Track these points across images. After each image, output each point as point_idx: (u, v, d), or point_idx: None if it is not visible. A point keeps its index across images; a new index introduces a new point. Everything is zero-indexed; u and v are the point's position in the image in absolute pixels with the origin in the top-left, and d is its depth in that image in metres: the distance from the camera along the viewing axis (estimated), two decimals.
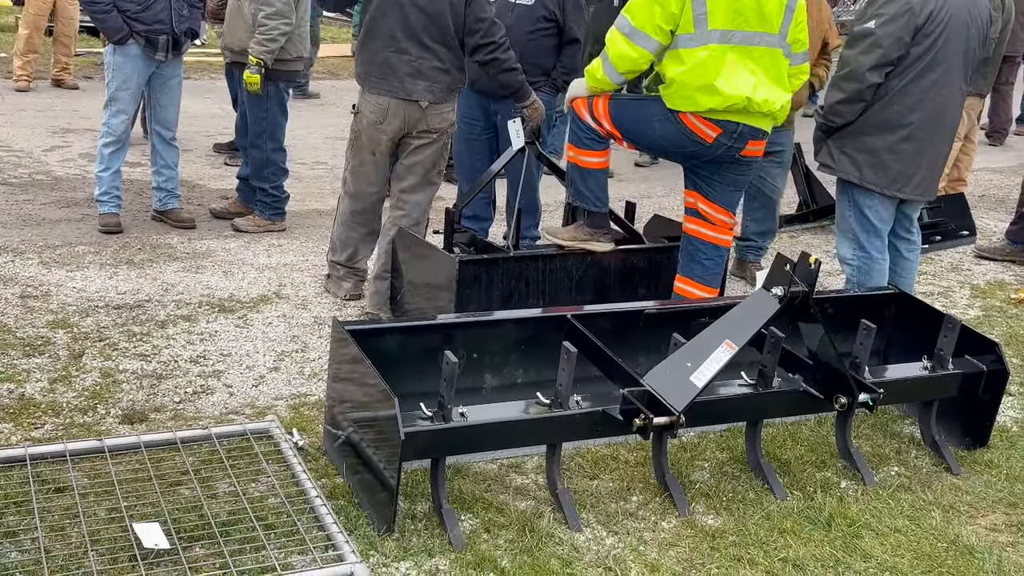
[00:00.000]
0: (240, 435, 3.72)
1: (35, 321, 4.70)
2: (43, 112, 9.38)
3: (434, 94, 4.92)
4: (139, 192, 6.91)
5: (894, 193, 4.68)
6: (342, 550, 3.06)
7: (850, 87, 4.56)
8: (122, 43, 5.83)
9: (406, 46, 4.86)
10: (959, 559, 3.33)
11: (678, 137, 4.47)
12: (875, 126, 4.61)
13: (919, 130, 4.60)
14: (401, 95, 4.89)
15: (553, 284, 4.88)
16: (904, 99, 4.55)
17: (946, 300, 6.03)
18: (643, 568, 3.16)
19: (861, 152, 4.65)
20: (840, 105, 4.62)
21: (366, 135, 5.01)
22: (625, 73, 4.46)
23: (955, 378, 4.00)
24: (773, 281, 3.55)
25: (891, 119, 4.58)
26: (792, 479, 3.76)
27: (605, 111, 4.56)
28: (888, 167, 4.62)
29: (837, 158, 4.73)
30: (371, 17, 4.92)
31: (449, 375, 3.23)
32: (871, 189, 4.67)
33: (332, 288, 5.34)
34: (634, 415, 3.36)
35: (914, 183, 4.68)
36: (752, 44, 4.35)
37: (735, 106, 4.35)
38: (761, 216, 6.05)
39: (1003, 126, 11.38)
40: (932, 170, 4.76)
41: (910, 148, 4.60)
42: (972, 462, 4.00)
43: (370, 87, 4.98)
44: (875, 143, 4.62)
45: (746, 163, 4.63)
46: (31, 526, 3.08)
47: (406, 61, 4.87)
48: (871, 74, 4.50)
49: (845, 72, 4.58)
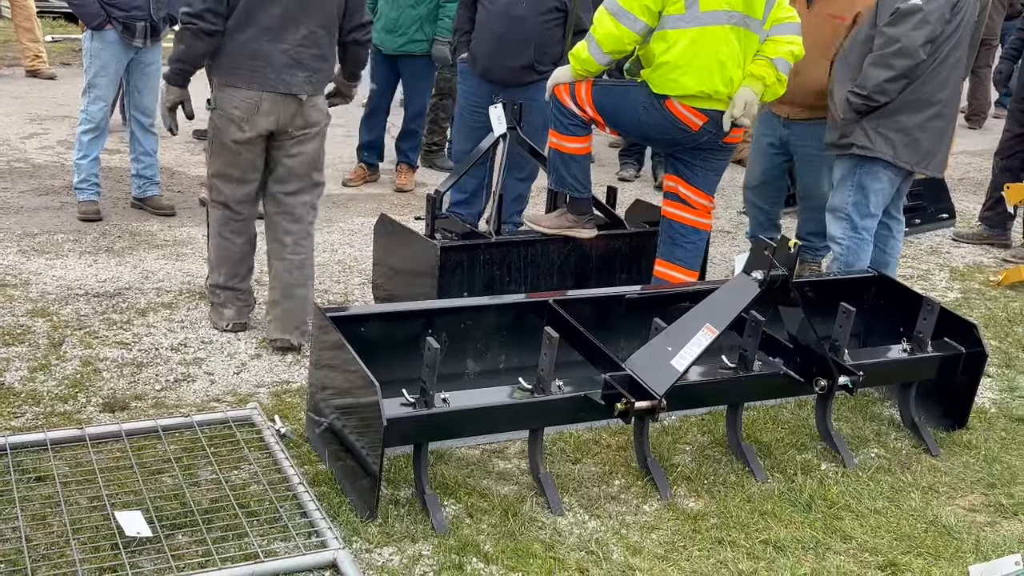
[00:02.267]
0: (222, 423, 3.71)
1: (14, 310, 4.67)
2: (20, 99, 9.29)
3: (313, 86, 4.36)
4: (118, 179, 6.86)
5: (922, 170, 4.77)
6: (325, 536, 3.06)
7: (902, 64, 4.57)
8: (99, 29, 5.79)
9: (283, 34, 4.23)
10: (938, 539, 3.36)
11: (664, 124, 4.47)
12: (910, 105, 4.66)
13: (946, 107, 4.70)
14: (278, 88, 4.26)
15: (535, 270, 4.88)
16: (936, 76, 4.63)
17: (925, 283, 6.07)
18: (625, 551, 3.18)
19: (896, 132, 4.70)
20: (889, 83, 4.61)
21: (230, 135, 4.30)
22: (611, 53, 4.45)
23: (934, 360, 4.02)
24: (753, 265, 3.56)
25: (924, 97, 4.65)
26: (773, 462, 3.79)
27: (588, 97, 4.55)
28: (919, 145, 4.68)
29: (873, 139, 4.73)
30: (243, 5, 4.17)
31: (431, 361, 3.23)
32: (903, 167, 4.71)
33: (214, 318, 4.66)
34: (616, 399, 3.37)
35: (938, 160, 4.79)
36: (740, 26, 4.35)
37: (721, 92, 4.35)
38: (816, 217, 5.74)
39: (982, 109, 11.45)
40: (948, 147, 4.87)
41: (938, 125, 4.70)
42: (951, 443, 4.04)
43: (237, 80, 4.26)
44: (908, 121, 4.68)
45: (728, 148, 4.66)
46: (12, 515, 3.07)
47: (283, 51, 4.23)
48: (923, 50, 4.55)
49: (895, 49, 4.57)
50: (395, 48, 7.08)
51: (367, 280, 5.32)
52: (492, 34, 5.68)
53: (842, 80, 4.81)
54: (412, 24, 7.00)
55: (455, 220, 5.15)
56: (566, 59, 5.70)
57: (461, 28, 6.01)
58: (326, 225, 6.35)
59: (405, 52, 7.10)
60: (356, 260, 5.73)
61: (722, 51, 4.33)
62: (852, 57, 4.79)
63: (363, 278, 5.42)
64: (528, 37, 5.58)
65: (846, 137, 4.81)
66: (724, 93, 4.36)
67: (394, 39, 7.05)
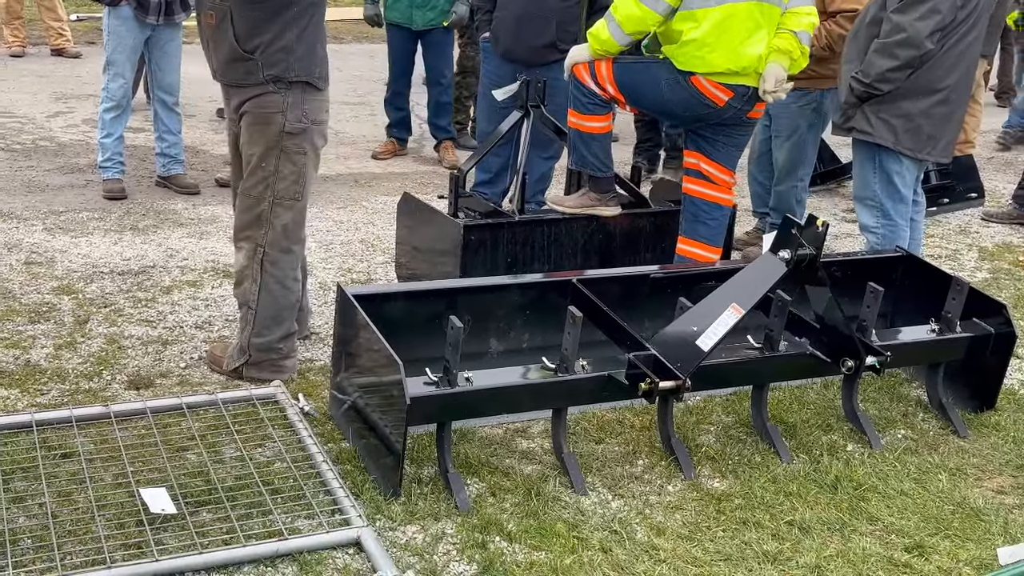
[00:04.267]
0: (246, 400, 3.72)
1: (40, 287, 4.70)
2: (45, 78, 9.33)
3: None
4: (143, 158, 6.88)
5: (924, 157, 4.66)
6: (348, 514, 3.06)
7: (906, 54, 4.44)
8: (114, 5, 5.83)
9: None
10: (965, 521, 3.33)
11: (689, 101, 4.43)
12: (913, 91, 4.54)
13: (952, 93, 4.57)
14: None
15: (558, 249, 4.86)
16: (943, 63, 4.50)
17: (954, 263, 6.00)
18: (649, 531, 3.17)
19: (897, 117, 4.58)
20: (892, 72, 4.49)
21: (318, 147, 3.86)
22: (632, 34, 4.40)
23: (963, 341, 3.97)
24: (780, 244, 3.52)
25: (928, 83, 4.53)
26: (798, 442, 3.76)
27: (609, 75, 4.51)
28: (921, 131, 4.58)
29: (874, 124, 4.63)
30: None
31: (454, 340, 3.22)
32: (905, 154, 4.63)
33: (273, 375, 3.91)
34: (640, 379, 3.35)
35: (941, 146, 4.66)
36: (763, 1, 4.30)
37: (748, 68, 4.31)
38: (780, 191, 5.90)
39: (1011, 87, 11.28)
40: (956, 132, 4.75)
41: (942, 112, 4.57)
42: (979, 425, 3.99)
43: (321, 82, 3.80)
44: (911, 108, 4.56)
45: (750, 124, 4.63)
46: (38, 492, 3.09)
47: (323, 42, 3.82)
48: (929, 40, 4.42)
49: (900, 38, 4.44)
50: (426, 23, 7.06)
51: (390, 259, 5.32)
52: (513, 13, 5.64)
53: (849, 61, 4.71)
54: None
55: (478, 199, 5.14)
56: (585, 38, 5.69)
57: (482, 7, 5.98)
58: (349, 204, 6.36)
59: (434, 26, 7.08)
60: (379, 239, 5.73)
61: (749, 27, 4.28)
62: (860, 38, 4.67)
63: (386, 257, 5.42)
64: (549, 15, 5.54)
65: (848, 121, 4.74)
66: (752, 68, 4.32)
67: (424, 13, 7.04)
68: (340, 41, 12.61)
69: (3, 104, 8.25)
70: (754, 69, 4.33)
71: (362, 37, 12.60)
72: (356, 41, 12.64)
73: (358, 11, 14.45)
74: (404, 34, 7.19)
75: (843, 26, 5.28)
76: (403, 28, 7.14)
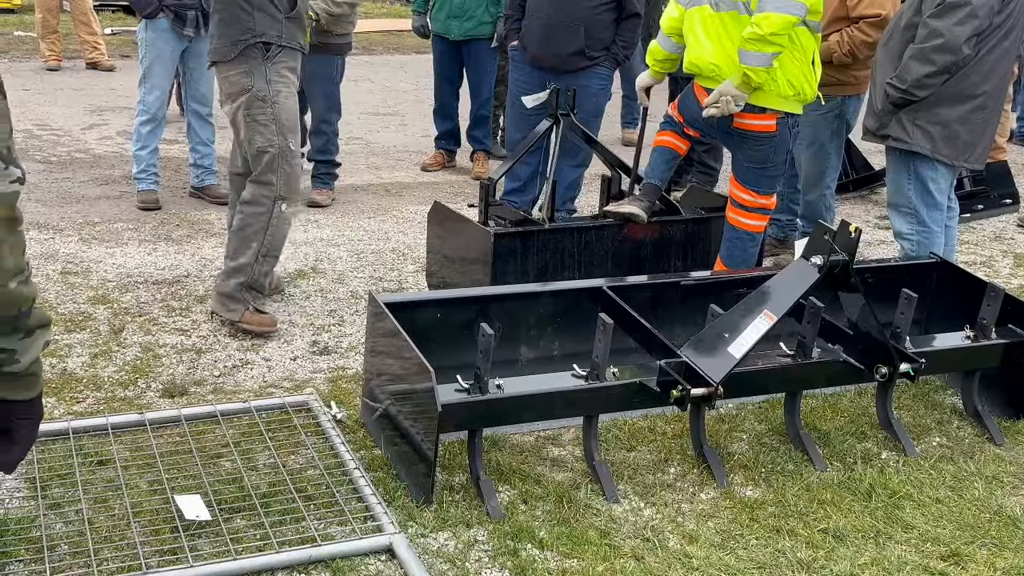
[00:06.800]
0: (279, 408, 3.75)
1: (76, 297, 4.75)
2: (80, 91, 9.46)
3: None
4: (176, 169, 6.95)
5: (962, 164, 4.61)
6: (381, 521, 3.07)
7: (943, 60, 4.38)
8: (152, 17, 5.89)
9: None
10: (1002, 530, 3.29)
11: (693, 105, 4.65)
12: (950, 97, 4.48)
13: (989, 99, 4.52)
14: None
15: (588, 257, 4.86)
16: (980, 69, 4.45)
17: (988, 269, 5.94)
18: (681, 539, 3.16)
19: (934, 124, 4.52)
20: (929, 78, 4.43)
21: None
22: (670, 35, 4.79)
23: (998, 348, 3.93)
24: (813, 250, 3.51)
25: (966, 90, 4.47)
26: (832, 450, 3.73)
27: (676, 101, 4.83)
28: (958, 138, 4.53)
29: (911, 132, 4.56)
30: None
31: (485, 347, 3.23)
32: (942, 161, 4.58)
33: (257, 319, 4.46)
34: (671, 386, 3.34)
35: (978, 153, 4.61)
36: (721, 10, 4.41)
37: (705, 71, 4.51)
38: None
39: None
40: (992, 138, 4.72)
41: (980, 118, 4.53)
42: (1015, 432, 3.95)
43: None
44: (948, 114, 4.50)
45: (744, 135, 4.56)
46: (75, 498, 3.12)
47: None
48: (966, 45, 4.36)
49: (937, 43, 4.37)
50: (463, 33, 7.08)
51: (421, 268, 5.34)
52: (542, 21, 5.66)
53: (883, 66, 4.65)
54: (479, 7, 7.00)
55: (508, 207, 5.14)
56: (618, 44, 5.71)
57: (512, 15, 6.00)
58: (380, 214, 6.39)
59: (472, 36, 7.09)
60: (410, 248, 5.75)
61: (707, 31, 4.46)
62: (894, 43, 4.61)
63: (417, 266, 5.44)
64: (578, 22, 5.55)
65: (883, 128, 4.67)
66: (709, 72, 4.49)
67: (461, 24, 7.05)
68: (371, 52, 12.69)
69: (40, 117, 8.37)
70: (714, 73, 4.45)
71: (392, 48, 12.66)
72: (387, 52, 12.71)
73: (389, 22, 14.59)
74: (445, 44, 7.22)
75: (866, 32, 5.25)
76: (444, 39, 7.18)
